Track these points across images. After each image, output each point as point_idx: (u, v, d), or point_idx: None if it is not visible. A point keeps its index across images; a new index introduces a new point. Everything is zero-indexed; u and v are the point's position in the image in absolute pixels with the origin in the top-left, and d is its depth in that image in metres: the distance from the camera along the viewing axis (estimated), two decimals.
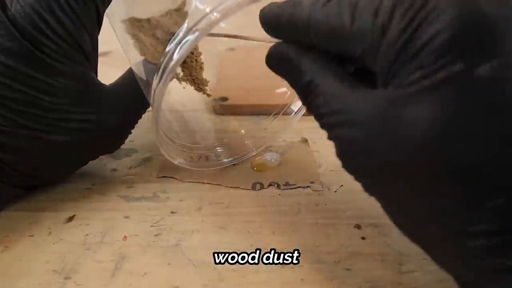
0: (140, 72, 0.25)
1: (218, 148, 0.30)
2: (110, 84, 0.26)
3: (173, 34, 0.21)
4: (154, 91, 0.20)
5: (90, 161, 0.26)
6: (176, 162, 0.26)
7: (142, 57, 0.24)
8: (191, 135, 0.32)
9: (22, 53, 0.20)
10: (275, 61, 0.19)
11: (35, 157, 0.22)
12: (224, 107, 0.35)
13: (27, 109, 0.21)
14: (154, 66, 0.23)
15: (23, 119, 0.21)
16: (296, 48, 0.18)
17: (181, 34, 0.20)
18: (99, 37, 0.27)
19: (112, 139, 0.25)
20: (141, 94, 0.26)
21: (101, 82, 0.24)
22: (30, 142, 0.21)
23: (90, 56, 0.23)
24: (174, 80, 0.27)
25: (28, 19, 0.20)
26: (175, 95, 0.31)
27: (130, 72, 0.27)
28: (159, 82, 0.20)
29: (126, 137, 0.26)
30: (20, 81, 0.21)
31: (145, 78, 0.24)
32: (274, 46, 0.19)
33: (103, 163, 0.29)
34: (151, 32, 0.24)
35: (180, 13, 0.24)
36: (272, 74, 0.20)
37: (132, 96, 0.26)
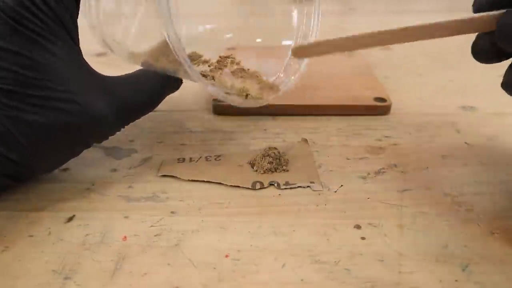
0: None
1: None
2: (118, 75, 0.26)
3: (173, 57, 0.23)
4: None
5: (90, 161, 0.26)
6: (228, 100, 0.27)
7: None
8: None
9: (4, 29, 0.20)
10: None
11: (21, 141, 0.21)
12: (222, 107, 0.35)
13: (11, 88, 0.21)
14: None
15: (7, 99, 0.21)
16: None
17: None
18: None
19: (100, 128, 0.24)
20: (145, 95, 0.26)
21: (90, 67, 0.24)
22: (14, 124, 0.21)
23: (73, 35, 0.23)
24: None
25: None
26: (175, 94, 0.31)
27: (140, 72, 0.27)
28: None
29: (118, 130, 0.26)
30: (3, 58, 0.20)
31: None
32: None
33: (103, 163, 0.29)
34: (155, 60, 0.26)
35: None
36: (268, 72, 0.20)
37: (133, 93, 0.25)
